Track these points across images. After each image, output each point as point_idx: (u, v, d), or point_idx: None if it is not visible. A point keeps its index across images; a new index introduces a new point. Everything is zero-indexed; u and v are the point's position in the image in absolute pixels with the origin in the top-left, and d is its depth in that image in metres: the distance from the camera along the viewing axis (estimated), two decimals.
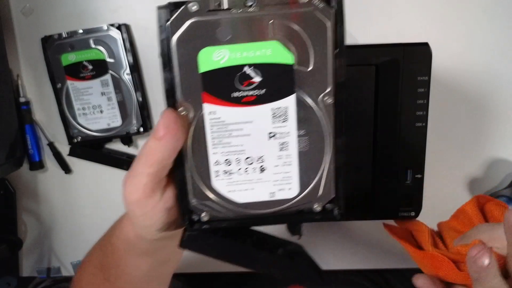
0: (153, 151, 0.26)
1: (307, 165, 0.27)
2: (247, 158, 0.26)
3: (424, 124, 0.43)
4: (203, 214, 0.28)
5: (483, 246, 0.33)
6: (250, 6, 0.24)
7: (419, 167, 0.44)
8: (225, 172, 0.27)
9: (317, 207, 0.29)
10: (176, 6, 0.24)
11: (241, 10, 0.24)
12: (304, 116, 0.26)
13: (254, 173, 0.26)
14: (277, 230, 0.32)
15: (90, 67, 0.54)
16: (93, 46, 0.54)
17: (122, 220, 0.34)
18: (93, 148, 0.59)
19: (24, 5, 0.56)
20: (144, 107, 0.56)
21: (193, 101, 0.25)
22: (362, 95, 0.42)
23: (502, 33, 0.55)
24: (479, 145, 0.58)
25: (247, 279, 0.67)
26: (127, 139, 0.58)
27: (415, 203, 0.46)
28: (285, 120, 0.26)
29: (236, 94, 0.25)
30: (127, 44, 0.54)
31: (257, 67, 0.25)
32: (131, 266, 0.35)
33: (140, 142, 0.59)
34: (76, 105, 0.56)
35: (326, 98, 0.26)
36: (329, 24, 0.24)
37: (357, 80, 0.42)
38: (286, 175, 0.27)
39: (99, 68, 0.54)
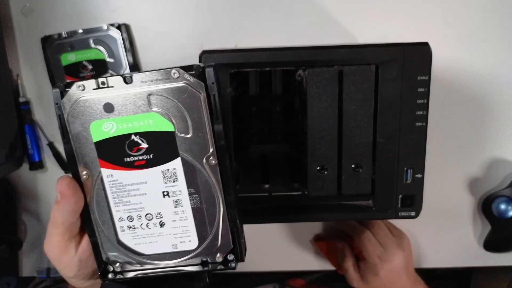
0: (55, 214, 0.30)
1: (202, 219, 0.30)
2: (147, 214, 0.30)
3: (424, 123, 0.43)
4: (116, 265, 0.31)
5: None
6: (130, 83, 0.28)
7: (419, 167, 0.44)
8: (129, 227, 0.30)
9: (218, 257, 0.31)
10: (66, 86, 0.29)
11: (123, 88, 0.28)
12: (192, 176, 0.29)
13: (155, 228, 0.30)
14: None
15: (90, 67, 0.54)
16: (93, 46, 0.54)
17: None
18: None
19: (24, 5, 0.56)
20: None
21: (92, 167, 0.29)
22: (362, 95, 0.42)
23: (502, 32, 0.55)
24: (479, 145, 0.58)
25: (231, 279, 0.67)
26: None
27: (415, 203, 0.46)
28: (175, 180, 0.29)
29: (128, 159, 0.29)
30: (127, 44, 0.54)
31: (143, 135, 0.28)
32: None
33: None
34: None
35: (210, 159, 0.29)
36: (202, 95, 0.28)
37: (357, 79, 0.42)
38: (184, 229, 0.30)
39: (99, 68, 0.54)
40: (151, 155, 0.29)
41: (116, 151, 0.29)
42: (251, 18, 0.55)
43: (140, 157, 0.29)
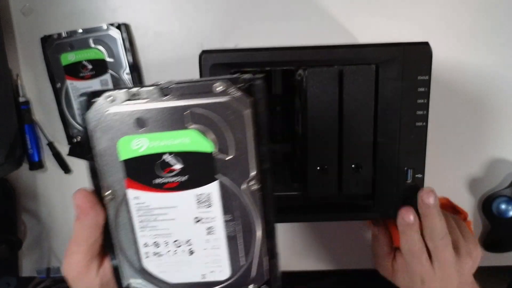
0: (77, 231, 0.28)
1: (237, 248, 0.27)
2: (175, 241, 0.27)
3: (424, 123, 0.43)
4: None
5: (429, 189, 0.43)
6: (166, 96, 0.25)
7: (420, 167, 0.44)
8: (155, 253, 0.27)
9: None
10: (95, 95, 0.25)
11: (157, 101, 0.25)
12: (230, 202, 0.26)
13: (183, 255, 0.27)
14: None
15: (90, 66, 0.54)
16: (92, 45, 0.54)
17: None
18: None
19: (23, 4, 0.56)
20: None
21: (117, 187, 0.26)
22: (362, 95, 0.42)
23: (503, 32, 0.55)
24: (479, 145, 0.58)
25: None
26: None
27: (416, 203, 0.46)
28: (209, 206, 0.26)
29: (158, 181, 0.26)
30: (127, 44, 0.54)
31: (177, 155, 0.25)
32: None
33: None
34: (76, 104, 0.55)
35: (250, 184, 0.26)
36: (247, 112, 0.24)
37: (357, 79, 0.42)
38: (215, 258, 0.27)
39: (99, 67, 0.54)
40: (185, 177, 0.26)
41: (145, 171, 0.26)
42: (251, 18, 0.55)
43: (172, 179, 0.26)
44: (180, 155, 0.25)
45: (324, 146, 0.44)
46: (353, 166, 0.44)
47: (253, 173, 0.26)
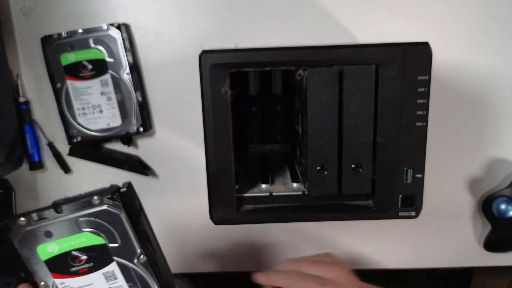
0: None
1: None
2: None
3: (424, 123, 0.43)
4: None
5: None
6: (60, 213, 0.34)
7: (420, 166, 0.44)
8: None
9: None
10: (12, 220, 0.34)
11: (56, 217, 0.34)
12: (128, 273, 0.36)
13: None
14: None
15: (90, 66, 0.54)
16: (92, 45, 0.54)
17: None
18: (92, 148, 0.59)
19: (23, 4, 0.56)
20: (143, 107, 0.56)
21: (47, 278, 0.36)
22: (362, 95, 0.42)
23: (502, 32, 0.55)
24: (479, 145, 0.58)
25: (232, 279, 0.67)
26: (127, 139, 0.58)
27: (416, 203, 0.46)
28: (115, 279, 0.36)
29: (73, 269, 0.35)
30: (127, 44, 0.54)
31: (81, 250, 0.35)
32: None
33: (140, 142, 0.60)
34: (76, 104, 0.55)
35: (140, 258, 0.36)
36: (120, 213, 0.34)
37: (357, 79, 0.42)
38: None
39: (99, 67, 0.54)
40: (91, 263, 0.35)
41: (63, 264, 0.35)
42: (251, 18, 0.55)
43: (83, 266, 0.35)
44: (83, 250, 0.35)
45: (324, 146, 0.44)
46: (353, 166, 0.44)
47: (138, 250, 0.35)
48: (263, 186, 0.50)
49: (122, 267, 0.36)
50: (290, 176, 0.53)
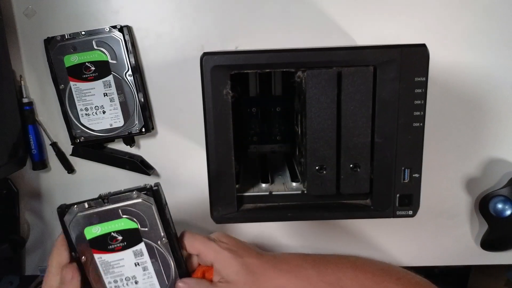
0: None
1: (162, 277, 0.46)
2: (126, 277, 0.46)
3: (421, 124, 0.43)
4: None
5: None
6: (106, 203, 0.43)
7: (417, 166, 0.45)
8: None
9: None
10: (67, 207, 0.43)
11: (103, 206, 0.43)
12: (153, 252, 0.45)
13: (131, 285, 0.46)
14: None
15: (93, 68, 0.55)
16: (95, 47, 0.54)
17: None
18: (95, 148, 0.60)
19: (26, 6, 0.57)
20: (146, 108, 0.57)
21: (88, 254, 0.45)
22: (360, 96, 0.43)
23: (499, 34, 0.55)
24: (476, 145, 0.59)
25: None
26: (129, 140, 0.59)
27: (413, 202, 0.46)
28: (142, 255, 0.45)
29: (110, 246, 0.45)
30: (129, 46, 0.55)
31: (118, 232, 0.44)
32: None
33: (142, 142, 0.60)
34: (79, 105, 0.56)
35: (162, 240, 0.45)
36: (152, 206, 0.44)
37: (355, 81, 0.43)
38: (151, 284, 0.46)
39: (102, 69, 0.55)
40: (125, 243, 0.45)
41: (102, 243, 0.44)
42: (252, 20, 0.56)
43: (118, 244, 0.45)
44: (120, 232, 0.44)
45: (323, 146, 0.44)
46: (351, 165, 0.45)
47: (162, 234, 0.45)
48: (263, 185, 0.51)
49: (148, 247, 0.45)
50: (289, 176, 0.53)
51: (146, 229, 0.44)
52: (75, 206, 0.43)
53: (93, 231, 0.44)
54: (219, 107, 0.44)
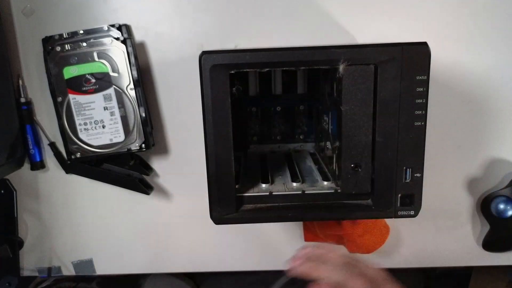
0: None
1: (127, 122, 0.53)
2: (95, 120, 0.53)
3: (422, 123, 0.43)
4: (77, 154, 0.56)
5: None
6: (86, 45, 0.52)
7: (418, 166, 0.45)
8: (84, 129, 0.55)
9: (136, 145, 0.55)
10: (51, 44, 0.52)
11: (82, 48, 0.51)
12: (121, 97, 0.53)
13: (99, 129, 0.53)
14: None
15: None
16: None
17: None
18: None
19: (25, 5, 0.56)
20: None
21: (64, 93, 0.52)
22: (361, 95, 0.43)
23: (500, 33, 0.55)
24: (478, 145, 0.59)
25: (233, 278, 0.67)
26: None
27: (415, 202, 0.46)
28: (110, 100, 0.52)
29: (84, 88, 0.52)
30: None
31: (92, 74, 0.52)
32: None
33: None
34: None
35: (129, 87, 0.52)
36: (124, 52, 0.52)
37: (356, 79, 0.42)
38: (116, 129, 0.53)
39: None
40: (97, 86, 0.51)
41: (78, 84, 0.51)
42: (251, 19, 0.56)
43: (91, 87, 0.51)
44: (93, 74, 0.51)
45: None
46: (352, 165, 0.44)
47: (130, 81, 0.52)
48: (263, 185, 0.50)
49: (117, 92, 0.52)
50: (289, 176, 0.53)
51: (117, 74, 0.51)
52: (58, 47, 0.51)
53: (71, 71, 0.51)
54: (219, 106, 0.43)
